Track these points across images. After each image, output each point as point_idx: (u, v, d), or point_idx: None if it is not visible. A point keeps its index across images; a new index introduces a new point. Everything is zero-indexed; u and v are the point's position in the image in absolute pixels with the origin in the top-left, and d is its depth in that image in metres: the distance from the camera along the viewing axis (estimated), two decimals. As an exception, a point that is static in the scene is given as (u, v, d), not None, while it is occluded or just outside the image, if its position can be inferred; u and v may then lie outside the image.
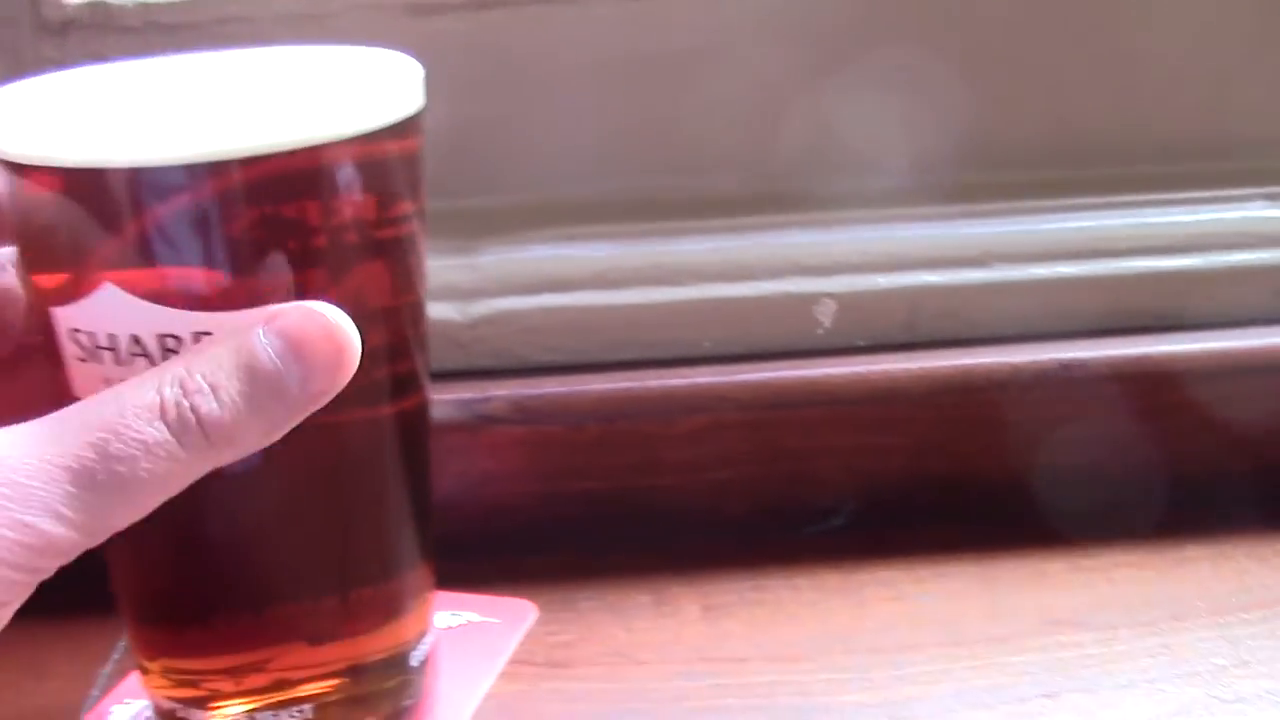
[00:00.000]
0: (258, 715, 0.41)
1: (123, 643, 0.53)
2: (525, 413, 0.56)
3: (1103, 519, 0.56)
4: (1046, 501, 0.57)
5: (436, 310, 0.56)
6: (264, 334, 0.34)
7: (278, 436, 0.35)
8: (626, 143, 0.58)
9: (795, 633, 0.51)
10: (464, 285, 0.57)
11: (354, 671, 0.42)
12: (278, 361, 0.34)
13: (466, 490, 0.57)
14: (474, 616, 0.53)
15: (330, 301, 0.35)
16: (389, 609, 0.42)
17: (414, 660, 0.44)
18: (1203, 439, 0.57)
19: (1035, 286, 0.59)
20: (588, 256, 0.57)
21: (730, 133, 0.59)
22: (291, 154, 0.36)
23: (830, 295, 0.58)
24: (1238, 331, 0.59)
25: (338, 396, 0.35)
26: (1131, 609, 0.52)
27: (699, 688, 0.49)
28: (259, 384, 0.34)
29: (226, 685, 0.41)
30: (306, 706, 0.41)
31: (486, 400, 0.55)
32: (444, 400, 0.55)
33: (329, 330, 0.35)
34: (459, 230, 0.58)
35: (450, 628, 0.52)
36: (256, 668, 0.40)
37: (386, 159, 0.39)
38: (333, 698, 0.41)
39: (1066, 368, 0.57)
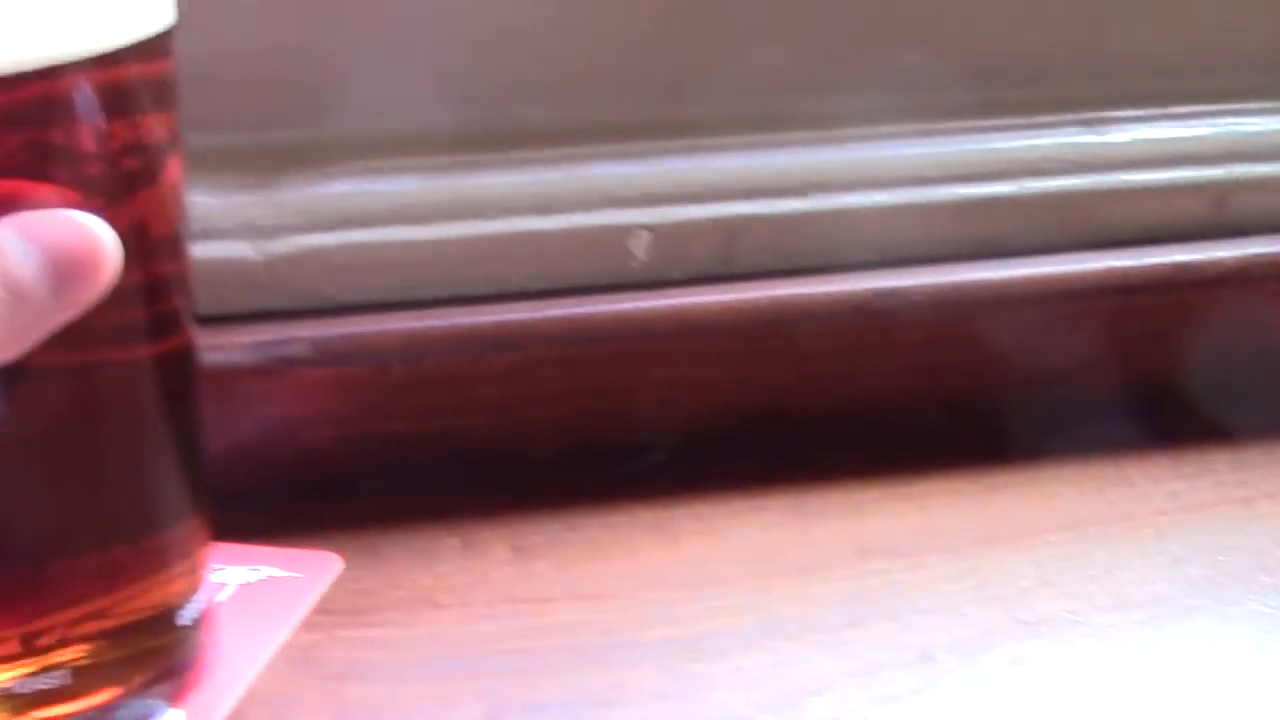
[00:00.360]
0: (12, 686, 0.38)
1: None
2: (328, 354, 0.53)
3: (918, 448, 0.56)
4: (862, 433, 0.56)
5: (232, 249, 0.54)
6: (12, 237, 0.32)
7: (23, 348, 0.32)
8: (430, 74, 0.56)
9: (604, 570, 0.50)
10: (262, 222, 0.55)
11: (115, 633, 0.39)
12: (27, 264, 0.32)
13: (267, 437, 0.55)
14: (275, 571, 0.51)
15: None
16: (151, 566, 0.40)
17: (184, 619, 0.42)
18: (1015, 367, 0.57)
19: (852, 215, 0.58)
20: (391, 191, 0.55)
21: (537, 62, 0.57)
22: (20, 77, 0.33)
23: (644, 227, 0.56)
24: (1053, 259, 0.59)
25: (89, 335, 0.33)
26: (942, 535, 0.52)
27: (502, 629, 0.47)
28: (5, 288, 0.32)
29: (-28, 653, 0.38)
30: (63, 671, 0.39)
31: (287, 342, 0.53)
32: (242, 343, 0.53)
33: (84, 235, 0.33)
34: (255, 165, 0.55)
35: (248, 584, 0.50)
36: (5, 633, 0.38)
37: (131, 81, 0.37)
38: (91, 661, 0.39)
39: (881, 297, 0.56)
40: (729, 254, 0.57)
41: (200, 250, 0.53)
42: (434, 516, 0.54)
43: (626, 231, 0.56)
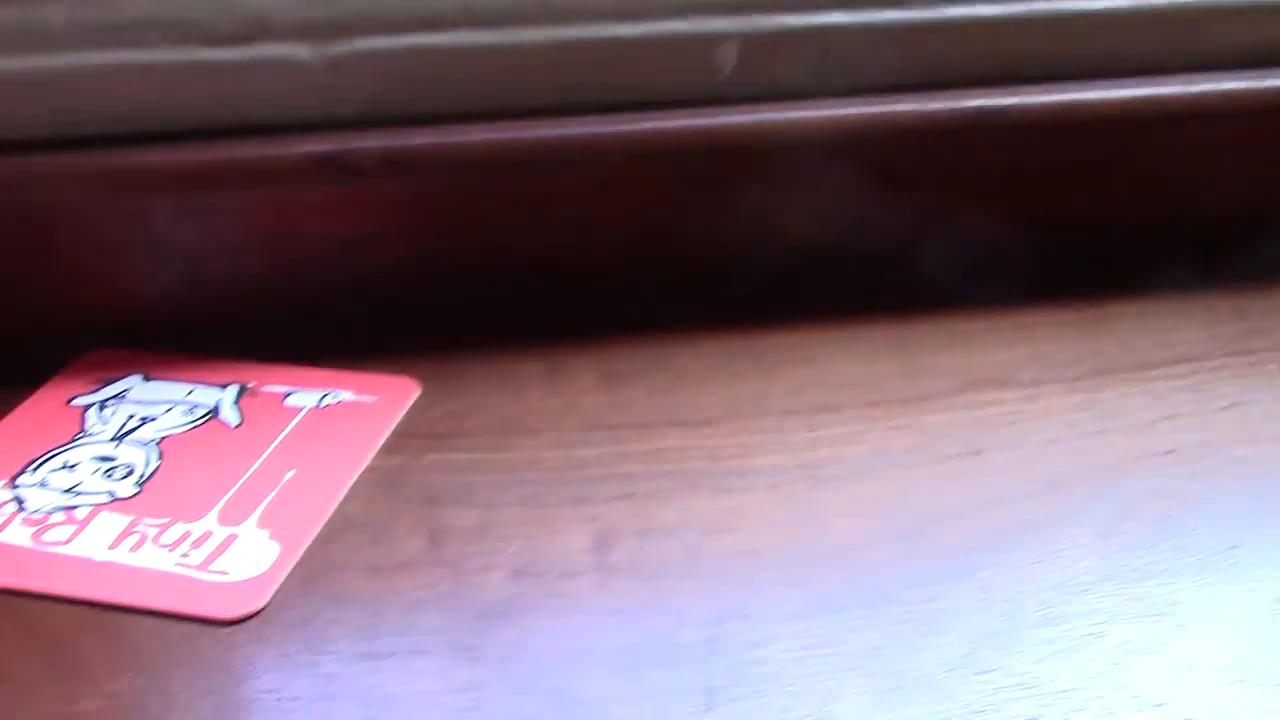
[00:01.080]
0: None
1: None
2: (396, 166, 0.49)
3: (1021, 277, 0.53)
4: (961, 261, 0.53)
5: (287, 51, 0.50)
6: None
7: None
8: None
9: (700, 398, 0.47)
10: (320, 22, 0.50)
11: None
12: None
13: (331, 255, 0.51)
14: (348, 395, 0.48)
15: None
16: None
17: None
18: (1130, 194, 0.54)
19: (955, 29, 0.54)
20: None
21: None
22: None
23: (733, 36, 0.52)
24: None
25: None
26: (1055, 367, 0.49)
27: (601, 455, 0.44)
28: None
29: None
30: None
31: (350, 152, 0.49)
32: (300, 153, 0.49)
33: None
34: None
35: (322, 408, 0.47)
36: None
37: None
38: None
39: (985, 115, 0.52)
40: (822, 68, 0.53)
41: (255, 52, 0.49)
42: (514, 341, 0.50)
43: (714, 41, 0.52)
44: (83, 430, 0.46)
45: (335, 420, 0.46)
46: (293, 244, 0.51)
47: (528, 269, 0.52)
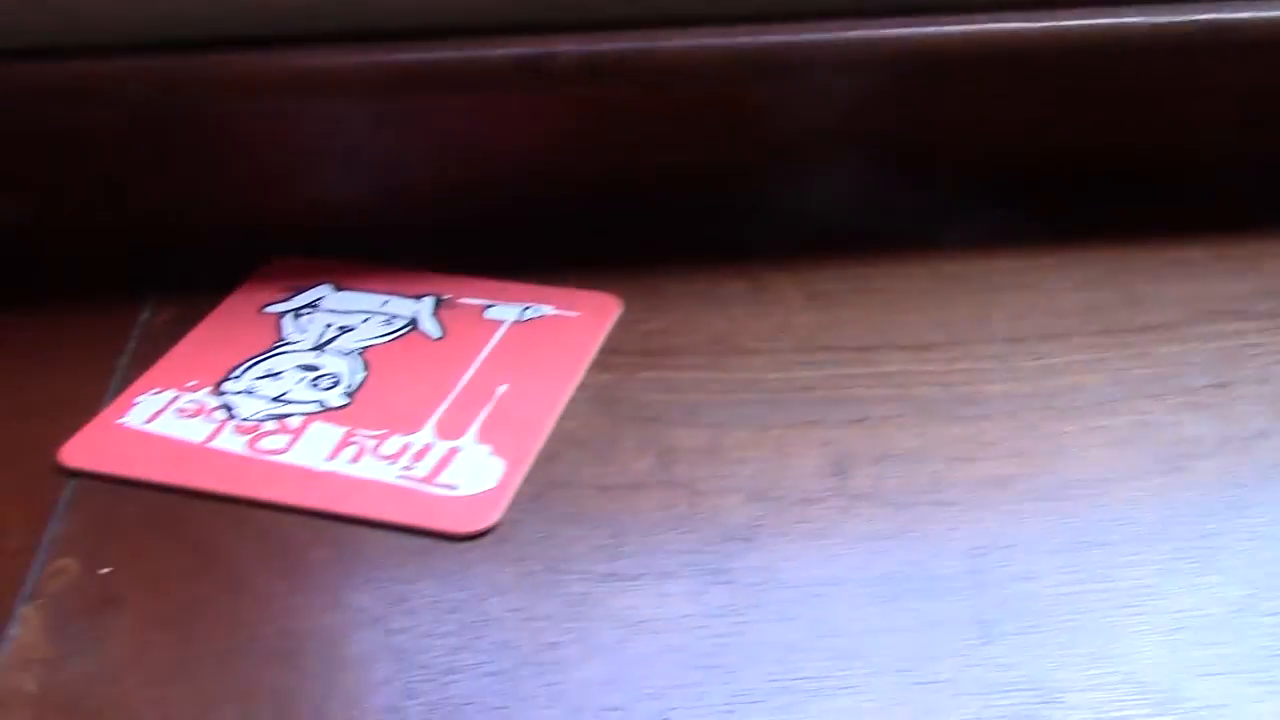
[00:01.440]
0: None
1: (138, 330, 0.45)
2: (595, 72, 0.47)
3: (1246, 205, 0.50)
4: (1185, 189, 0.50)
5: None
6: None
7: None
8: None
9: (919, 322, 0.45)
10: (521, -79, 0.48)
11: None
12: None
13: (526, 163, 0.49)
14: (549, 310, 0.46)
15: None
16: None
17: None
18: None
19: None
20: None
21: None
22: None
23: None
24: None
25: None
26: (1289, 298, 0.46)
27: (825, 377, 0.42)
28: None
29: None
30: None
31: (550, 56, 0.47)
32: (496, 55, 0.47)
33: None
34: None
35: (524, 321, 0.45)
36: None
37: None
38: None
39: (1209, 33, 0.49)
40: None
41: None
42: (717, 258, 0.48)
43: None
44: (281, 338, 0.45)
45: (539, 335, 0.45)
46: (487, 152, 0.49)
47: (725, 183, 0.50)
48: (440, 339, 0.45)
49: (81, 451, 0.40)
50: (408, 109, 0.48)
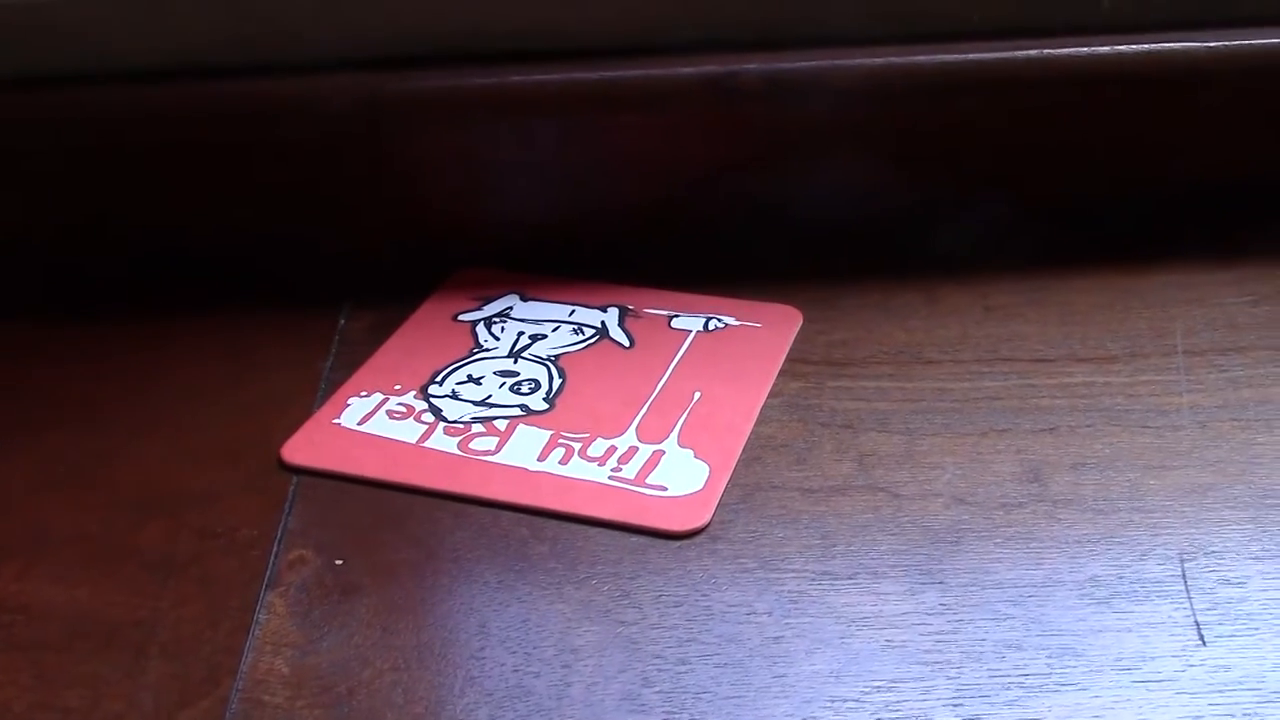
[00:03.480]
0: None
1: (338, 335, 0.47)
2: (779, 90, 0.49)
3: None
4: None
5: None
6: None
7: None
8: None
9: (1095, 333, 0.46)
10: (703, -57, 0.49)
11: None
12: None
13: (705, 178, 0.51)
14: (732, 320, 0.47)
15: None
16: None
17: None
18: None
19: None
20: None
21: None
22: None
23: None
24: None
25: None
26: None
27: (1010, 387, 0.43)
28: None
29: None
30: None
31: (735, 75, 0.48)
32: (682, 74, 0.48)
33: None
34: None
35: (707, 331, 0.47)
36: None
37: None
38: None
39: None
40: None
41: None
42: (892, 271, 0.50)
43: (1101, -30, 0.50)
44: (477, 345, 0.47)
45: (726, 344, 0.46)
46: (667, 169, 0.50)
47: (900, 198, 0.51)
48: (630, 348, 0.46)
49: (302, 449, 0.42)
50: (594, 125, 0.50)
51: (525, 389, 0.44)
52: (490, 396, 0.44)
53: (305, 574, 0.37)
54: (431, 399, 0.44)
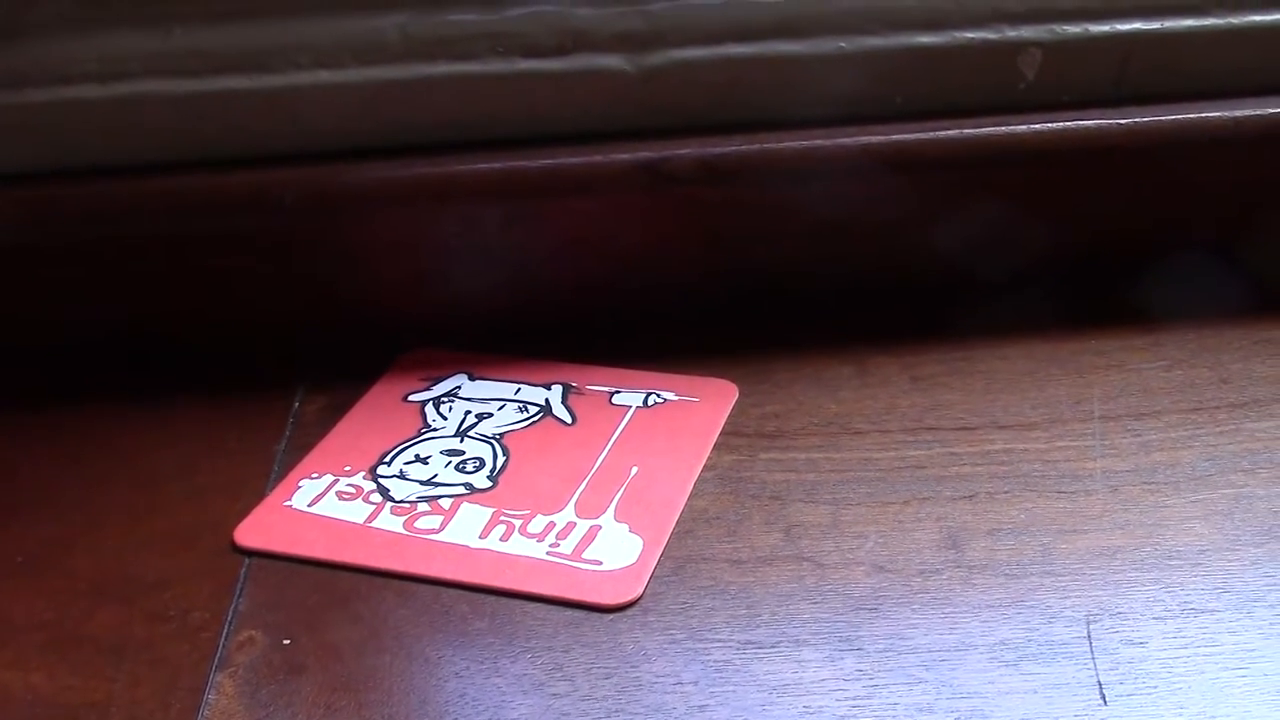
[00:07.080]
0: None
1: (292, 418, 0.49)
2: (712, 174, 0.51)
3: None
4: (1266, 267, 0.53)
5: (605, 62, 0.52)
6: None
7: None
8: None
9: (1017, 402, 0.48)
10: (637, 34, 0.52)
11: None
12: None
13: (642, 258, 0.53)
14: (671, 395, 0.49)
15: None
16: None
17: None
18: None
19: (1256, 35, 0.54)
20: (774, 2, 0.52)
21: None
22: None
23: (1035, 44, 0.53)
24: None
25: None
26: (1376, 375, 0.49)
27: (932, 456, 0.45)
28: None
29: None
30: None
31: (668, 160, 0.51)
32: (619, 160, 0.51)
33: None
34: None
35: (646, 407, 0.49)
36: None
37: None
38: None
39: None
40: (1122, 76, 0.54)
41: (574, 63, 0.51)
42: (823, 344, 0.52)
43: (1017, 49, 0.53)
44: (426, 424, 0.49)
45: (664, 420, 0.48)
46: (613, 248, 0.53)
47: (833, 274, 0.53)
48: (572, 424, 0.48)
49: (254, 532, 0.43)
50: (536, 210, 0.52)
51: (470, 467, 0.46)
52: (436, 475, 0.46)
53: (254, 654, 0.38)
54: (380, 479, 0.46)
